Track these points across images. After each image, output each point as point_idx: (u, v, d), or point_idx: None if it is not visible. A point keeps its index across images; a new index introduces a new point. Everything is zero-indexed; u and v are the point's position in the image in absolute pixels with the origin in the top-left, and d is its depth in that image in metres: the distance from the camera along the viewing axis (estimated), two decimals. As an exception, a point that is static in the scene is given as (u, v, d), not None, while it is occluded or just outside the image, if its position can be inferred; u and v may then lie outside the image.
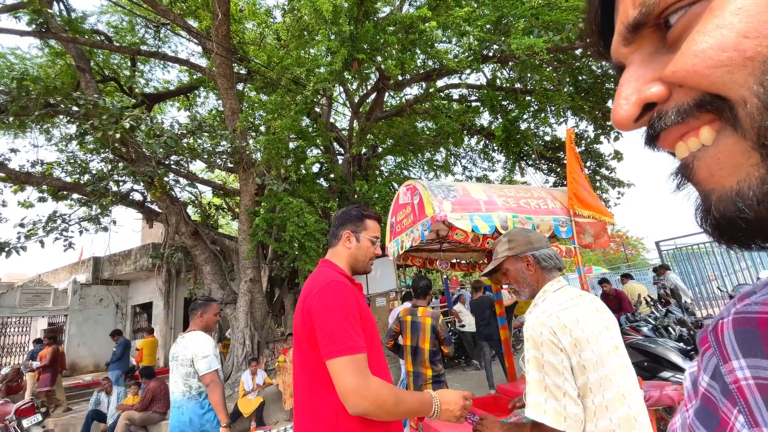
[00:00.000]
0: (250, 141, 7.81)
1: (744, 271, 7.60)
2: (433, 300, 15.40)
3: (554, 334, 1.14)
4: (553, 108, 9.28)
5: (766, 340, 0.31)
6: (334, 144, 11.00)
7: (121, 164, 7.38)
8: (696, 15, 0.25)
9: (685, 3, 0.25)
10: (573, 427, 1.08)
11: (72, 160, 7.84)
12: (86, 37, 8.47)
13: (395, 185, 9.71)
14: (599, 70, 8.44)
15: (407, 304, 4.60)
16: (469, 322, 8.13)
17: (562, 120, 9.88)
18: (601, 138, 9.51)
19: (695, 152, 0.27)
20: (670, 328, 4.09)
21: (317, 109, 10.41)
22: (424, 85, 9.39)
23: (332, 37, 6.77)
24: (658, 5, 0.26)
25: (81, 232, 7.86)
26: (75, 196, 8.01)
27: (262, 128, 9.58)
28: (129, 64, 10.43)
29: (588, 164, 9.77)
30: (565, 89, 8.45)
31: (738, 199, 0.25)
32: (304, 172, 8.91)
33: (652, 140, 0.30)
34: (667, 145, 0.29)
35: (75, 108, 6.67)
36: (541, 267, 1.38)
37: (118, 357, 7.84)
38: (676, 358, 3.44)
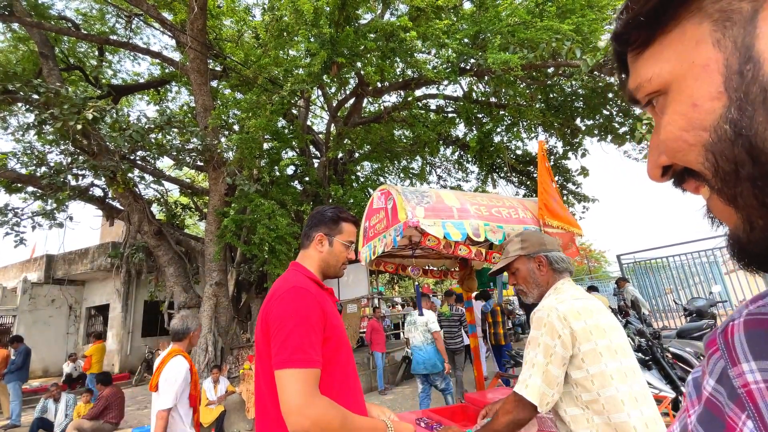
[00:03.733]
0: (222, 139, 7.59)
1: (698, 285, 8.00)
2: (406, 307, 15.43)
3: (563, 320, 1.17)
4: (525, 123, 9.59)
5: None
6: (310, 147, 10.88)
7: (81, 157, 7.00)
8: (663, 104, 0.32)
9: (653, 95, 0.32)
10: (533, 396, 1.15)
11: (28, 151, 7.39)
12: (52, 22, 8.06)
13: (371, 191, 9.69)
14: (569, 89, 8.80)
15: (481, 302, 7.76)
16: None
17: (533, 135, 10.23)
18: (569, 154, 9.89)
19: (708, 198, 0.32)
20: (629, 339, 4.24)
21: (294, 111, 10.28)
22: (402, 93, 9.47)
23: (312, 39, 6.73)
24: (636, 91, 0.33)
25: (34, 228, 7.44)
26: (30, 189, 7.55)
27: (236, 127, 9.37)
28: (96, 53, 9.98)
29: (556, 179, 10.11)
30: (537, 105, 8.75)
31: (735, 238, 0.30)
32: (277, 173, 8.74)
33: (680, 187, 0.36)
34: (691, 192, 0.35)
35: (35, 96, 6.32)
36: (553, 269, 1.39)
37: (18, 366, 7.33)
38: (635, 368, 3.57)
